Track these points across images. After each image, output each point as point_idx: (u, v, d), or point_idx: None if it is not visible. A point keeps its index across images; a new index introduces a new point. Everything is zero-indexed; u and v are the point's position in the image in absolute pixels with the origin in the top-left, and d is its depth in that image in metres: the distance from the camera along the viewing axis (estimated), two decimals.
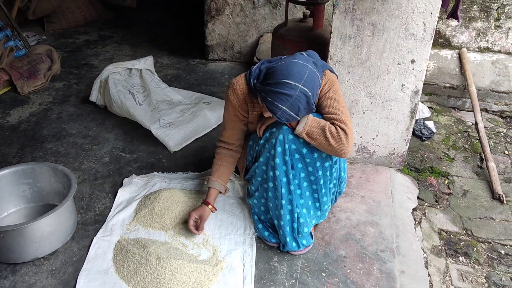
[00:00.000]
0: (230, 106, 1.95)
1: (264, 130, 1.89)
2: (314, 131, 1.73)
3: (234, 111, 1.95)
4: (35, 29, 4.51)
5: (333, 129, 1.71)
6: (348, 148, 1.72)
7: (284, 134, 1.78)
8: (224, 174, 2.07)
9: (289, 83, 1.64)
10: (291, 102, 1.64)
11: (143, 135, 2.74)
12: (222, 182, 2.05)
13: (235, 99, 1.92)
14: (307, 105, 1.68)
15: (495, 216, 2.31)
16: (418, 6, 2.07)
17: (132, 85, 3.08)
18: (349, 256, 1.95)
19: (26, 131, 2.83)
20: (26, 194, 2.13)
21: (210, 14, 3.75)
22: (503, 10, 3.23)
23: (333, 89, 1.82)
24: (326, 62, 1.99)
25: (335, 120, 1.73)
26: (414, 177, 2.56)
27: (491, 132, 3.02)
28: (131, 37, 4.49)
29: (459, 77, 3.26)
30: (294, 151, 1.81)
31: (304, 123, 1.74)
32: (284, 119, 1.69)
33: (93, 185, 2.35)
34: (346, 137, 1.70)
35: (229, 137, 2.04)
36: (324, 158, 1.84)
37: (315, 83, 1.70)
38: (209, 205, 2.01)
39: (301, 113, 1.69)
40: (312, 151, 1.81)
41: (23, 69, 3.34)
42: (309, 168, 1.85)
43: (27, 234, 1.78)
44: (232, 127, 2.01)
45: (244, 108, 1.94)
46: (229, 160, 2.07)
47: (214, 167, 2.07)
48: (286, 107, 1.65)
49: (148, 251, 1.85)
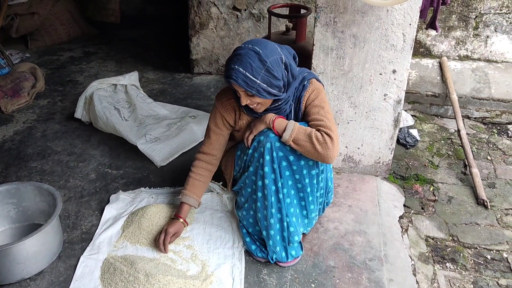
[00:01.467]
0: (218, 115, 1.97)
1: (252, 139, 1.90)
2: (300, 138, 1.75)
3: (221, 120, 1.97)
4: (18, 47, 4.49)
5: (319, 135, 1.73)
6: (334, 153, 1.74)
7: (272, 142, 1.80)
8: (199, 189, 2.07)
9: (238, 46, 1.73)
10: (241, 59, 1.66)
11: (130, 151, 2.73)
12: (196, 198, 2.06)
13: (223, 108, 1.95)
14: (261, 65, 1.65)
15: (480, 222, 2.35)
16: (397, 18, 2.12)
17: (118, 101, 3.08)
18: (338, 266, 1.96)
19: (10, 150, 2.80)
20: (11, 214, 2.11)
21: (194, 29, 3.78)
22: (481, 19, 3.31)
23: (319, 97, 1.85)
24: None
25: (321, 126, 1.76)
26: (400, 185, 2.59)
27: (473, 139, 3.08)
28: (115, 53, 4.49)
29: (440, 85, 3.32)
30: (281, 158, 1.82)
31: (290, 130, 1.76)
32: (241, 80, 1.66)
33: (79, 203, 2.33)
34: (332, 142, 1.73)
35: (211, 148, 2.04)
36: (311, 166, 1.85)
37: (270, 47, 1.70)
38: (180, 219, 2.02)
39: (258, 75, 1.65)
40: (299, 159, 1.83)
41: (6, 87, 3.32)
42: (296, 176, 1.87)
43: (12, 254, 1.75)
44: (217, 136, 2.02)
45: (232, 117, 1.97)
46: (206, 174, 2.08)
47: (190, 180, 2.07)
48: (237, 65, 1.66)
49: (136, 268, 1.83)
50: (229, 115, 1.96)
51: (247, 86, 1.67)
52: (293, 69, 1.77)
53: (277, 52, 1.72)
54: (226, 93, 1.95)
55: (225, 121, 1.97)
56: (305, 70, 1.94)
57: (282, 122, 1.81)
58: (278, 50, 1.73)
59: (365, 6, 2.10)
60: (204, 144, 2.06)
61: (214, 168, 2.11)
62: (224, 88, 1.99)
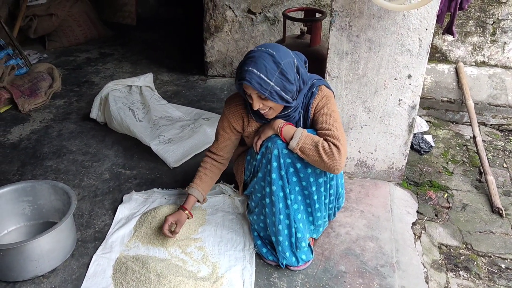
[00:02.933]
0: (226, 120, 1.99)
1: (261, 144, 1.90)
2: (307, 147, 1.74)
3: (228, 126, 1.99)
4: (36, 48, 4.57)
5: (326, 145, 1.72)
6: (341, 164, 1.73)
7: (279, 149, 1.80)
8: (206, 183, 2.10)
9: (251, 49, 1.73)
10: (255, 61, 1.66)
11: (143, 152, 2.76)
12: (202, 192, 2.09)
13: (231, 115, 1.96)
14: (275, 67, 1.66)
15: (494, 230, 2.31)
16: (413, 22, 2.10)
17: (132, 102, 3.11)
18: (349, 272, 1.95)
19: (26, 148, 2.84)
20: (26, 212, 2.14)
21: (209, 31, 3.80)
22: (498, 25, 3.27)
23: (328, 105, 1.84)
24: (323, 78, 2.02)
25: (329, 136, 1.75)
26: (413, 191, 2.56)
27: (489, 146, 3.03)
28: (131, 54, 4.54)
29: (456, 91, 3.29)
30: (289, 165, 1.82)
31: (298, 138, 1.75)
32: (255, 82, 1.65)
33: (93, 202, 2.35)
34: (339, 153, 1.71)
35: (219, 149, 2.08)
36: (318, 174, 1.84)
37: (283, 50, 1.72)
38: (185, 211, 2.04)
39: (272, 76, 1.65)
40: (306, 166, 1.82)
41: (24, 87, 3.38)
42: (303, 183, 1.86)
43: (26, 252, 1.78)
44: (224, 140, 2.05)
45: (240, 124, 1.97)
46: (214, 170, 2.11)
47: (197, 174, 2.11)
48: (251, 67, 1.66)
49: (148, 268, 1.84)
50: (236, 122, 1.97)
51: (261, 88, 1.66)
52: (303, 75, 1.78)
53: (290, 56, 1.73)
54: (235, 100, 1.96)
55: (231, 127, 1.99)
56: (314, 76, 1.92)
57: (290, 129, 1.80)
58: (291, 53, 1.74)
59: (381, 11, 2.09)
60: (213, 145, 2.11)
61: (223, 167, 2.14)
62: (233, 94, 2.00)
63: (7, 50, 3.74)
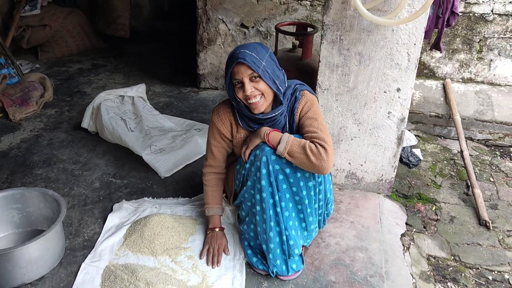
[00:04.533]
0: (215, 129, 2.02)
1: (249, 153, 1.92)
2: (295, 150, 1.77)
3: (218, 133, 2.02)
4: (28, 58, 4.57)
5: (313, 147, 1.76)
6: (329, 164, 1.76)
7: (267, 155, 1.82)
8: (218, 198, 2.16)
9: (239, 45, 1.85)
10: (245, 46, 1.78)
11: (134, 161, 2.76)
12: (220, 206, 2.16)
13: (220, 123, 1.99)
14: (265, 51, 1.80)
15: (482, 242, 2.34)
16: (402, 37, 2.16)
17: (124, 112, 3.12)
18: (338, 282, 1.95)
19: (16, 157, 2.83)
20: (14, 219, 2.12)
21: (202, 44, 3.84)
22: (484, 43, 3.36)
23: (312, 109, 1.90)
24: (313, 90, 2.06)
25: (315, 138, 1.79)
26: (402, 203, 2.59)
27: (476, 160, 3.09)
28: (124, 66, 4.57)
29: (444, 107, 3.35)
30: (278, 171, 1.84)
31: (285, 142, 1.78)
32: (249, 59, 1.75)
33: (83, 210, 2.34)
34: (326, 153, 1.75)
35: (216, 160, 2.10)
36: (307, 177, 1.87)
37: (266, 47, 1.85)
38: (218, 229, 2.11)
39: (263, 57, 1.77)
40: (295, 171, 1.84)
41: (15, 96, 3.37)
42: (294, 189, 1.88)
43: (14, 259, 1.76)
44: (218, 149, 2.07)
45: (228, 130, 2.00)
46: (219, 183, 2.16)
47: (208, 194, 2.14)
48: (243, 50, 1.77)
49: (137, 277, 1.83)
50: (225, 128, 2.00)
51: (254, 65, 1.75)
52: (284, 75, 1.90)
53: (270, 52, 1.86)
54: (222, 107, 2.01)
55: (221, 134, 2.02)
56: (294, 81, 2.00)
57: (277, 135, 1.84)
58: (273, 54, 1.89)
59: (371, 25, 2.15)
60: (208, 158, 2.11)
61: (223, 175, 2.18)
62: (220, 103, 2.04)
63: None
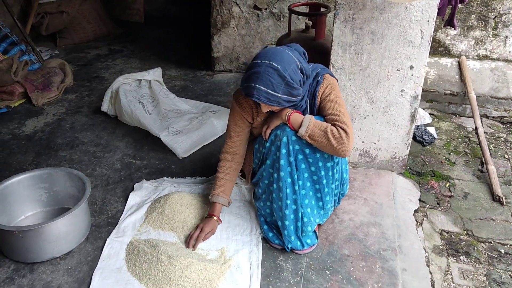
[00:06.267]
0: (236, 113, 2.05)
1: (270, 133, 1.98)
2: (316, 133, 1.81)
3: (240, 118, 2.05)
4: (47, 44, 4.68)
5: (335, 130, 1.79)
6: (349, 147, 1.80)
7: (288, 136, 1.87)
8: (227, 188, 2.13)
9: (254, 62, 1.76)
10: (260, 77, 1.71)
11: (153, 143, 2.85)
12: (225, 196, 2.11)
13: (241, 107, 2.03)
14: (281, 80, 1.72)
15: (495, 217, 2.37)
16: (415, 14, 2.17)
17: (142, 95, 3.20)
18: (352, 255, 2.02)
19: (41, 140, 2.94)
20: (42, 198, 2.23)
21: (216, 27, 3.88)
22: (500, 19, 3.32)
23: (333, 92, 1.91)
24: (327, 68, 2.09)
25: (336, 121, 1.82)
26: (416, 180, 2.63)
27: (491, 137, 3.09)
28: (139, 50, 4.64)
29: (459, 84, 3.34)
30: (298, 151, 1.89)
31: (306, 125, 1.82)
32: (263, 98, 1.73)
33: (106, 190, 2.44)
34: (347, 137, 1.79)
35: (233, 146, 2.10)
36: (326, 158, 1.92)
37: (286, 59, 1.75)
38: (214, 217, 2.09)
39: (279, 89, 1.72)
40: (315, 152, 1.89)
41: (37, 82, 3.48)
42: (312, 168, 1.93)
43: (45, 234, 1.87)
44: (238, 134, 2.09)
45: (249, 114, 2.04)
46: (232, 173, 2.13)
47: (217, 181, 2.12)
48: (258, 84, 1.72)
49: (159, 250, 1.93)
50: (247, 113, 2.04)
51: (269, 102, 1.75)
52: (306, 71, 1.85)
53: (292, 60, 1.77)
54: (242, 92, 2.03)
55: (244, 119, 2.05)
56: (318, 66, 1.99)
57: (298, 117, 1.87)
58: (293, 57, 1.78)
59: (384, 3, 2.16)
60: (226, 144, 2.13)
61: (239, 166, 2.16)
62: (239, 88, 2.06)
63: (20, 46, 3.84)
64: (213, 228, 2.07)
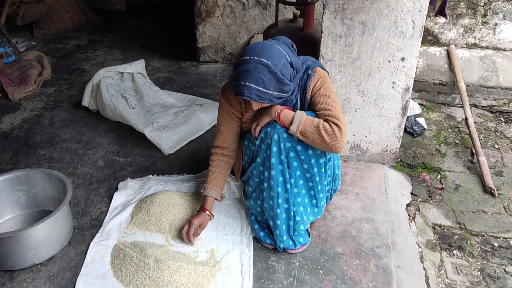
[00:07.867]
0: (224, 109, 1.98)
1: (259, 130, 1.90)
2: (308, 130, 1.74)
3: (228, 114, 1.98)
4: (23, 35, 4.48)
5: (327, 126, 1.73)
6: (343, 143, 1.74)
7: (279, 133, 1.80)
8: (220, 182, 2.07)
9: (243, 58, 1.68)
10: (250, 75, 1.64)
11: (137, 139, 2.74)
12: (218, 190, 2.06)
13: (228, 103, 1.96)
14: (272, 76, 1.65)
15: (487, 209, 2.35)
16: (407, 4, 2.10)
17: (125, 89, 3.08)
18: (345, 253, 1.97)
19: (18, 137, 2.81)
20: (21, 201, 2.13)
21: (200, 17, 3.76)
22: (489, 7, 3.28)
23: (325, 86, 1.84)
24: (317, 60, 2.02)
25: (329, 116, 1.76)
26: (407, 173, 2.59)
27: (481, 127, 3.06)
28: (121, 41, 4.48)
29: (448, 74, 3.31)
30: (289, 149, 1.83)
31: (297, 122, 1.75)
32: (255, 96, 1.66)
33: (88, 190, 2.34)
34: (340, 133, 1.72)
35: (224, 141, 2.05)
36: (319, 155, 1.86)
37: (275, 53, 1.67)
38: (206, 212, 2.02)
39: (270, 86, 1.66)
40: (307, 148, 1.83)
41: (13, 75, 3.33)
42: (304, 166, 1.87)
43: (24, 240, 1.77)
44: (228, 129, 2.03)
45: (238, 109, 1.97)
46: (224, 166, 2.08)
47: (209, 174, 2.08)
48: (248, 82, 1.64)
49: (146, 254, 1.85)
50: (236, 109, 1.97)
51: (261, 99, 1.68)
52: (296, 65, 1.77)
53: (282, 55, 1.70)
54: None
55: (232, 114, 1.99)
56: (309, 58, 1.92)
57: (288, 114, 1.80)
58: (282, 51, 1.71)
59: None
60: (217, 139, 2.07)
61: (232, 159, 2.11)
62: (227, 82, 1.98)
63: None
64: (203, 221, 2.00)
